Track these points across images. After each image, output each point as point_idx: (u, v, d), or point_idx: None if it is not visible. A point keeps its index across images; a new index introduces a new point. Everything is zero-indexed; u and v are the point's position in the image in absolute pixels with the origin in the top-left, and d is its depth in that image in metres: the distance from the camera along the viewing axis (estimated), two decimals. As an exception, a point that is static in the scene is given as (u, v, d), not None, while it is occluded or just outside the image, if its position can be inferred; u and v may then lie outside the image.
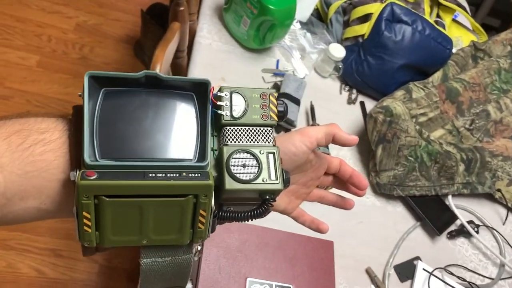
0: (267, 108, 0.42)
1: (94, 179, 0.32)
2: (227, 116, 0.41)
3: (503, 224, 1.08)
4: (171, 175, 0.35)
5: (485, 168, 1.06)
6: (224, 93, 0.41)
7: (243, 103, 0.42)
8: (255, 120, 0.42)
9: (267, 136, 0.42)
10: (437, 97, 1.09)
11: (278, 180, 0.40)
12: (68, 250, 1.47)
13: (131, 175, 0.34)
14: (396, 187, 0.98)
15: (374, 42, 1.09)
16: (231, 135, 0.41)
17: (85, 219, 0.33)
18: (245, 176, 0.39)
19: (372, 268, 0.89)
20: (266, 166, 0.40)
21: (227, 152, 0.39)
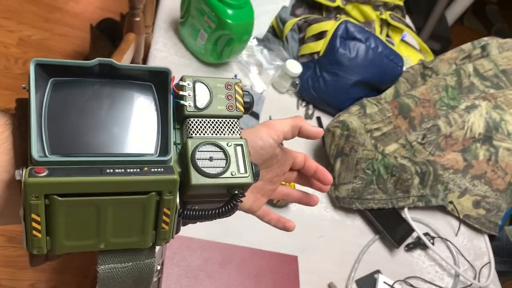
0: (233, 99, 0.40)
1: (44, 176, 0.29)
2: (191, 107, 0.38)
3: (456, 235, 1.12)
4: (131, 170, 0.32)
5: (438, 181, 1.09)
6: (187, 83, 0.38)
7: (207, 93, 0.39)
8: (220, 111, 0.39)
9: (234, 128, 0.40)
10: (390, 113, 1.12)
11: (247, 173, 0.38)
12: (8, 279, 1.35)
13: (87, 171, 0.30)
14: (355, 200, 0.99)
15: (329, 59, 1.11)
16: (195, 127, 0.38)
17: (34, 222, 0.29)
18: (213, 170, 0.36)
19: (334, 283, 0.88)
20: (235, 159, 0.37)
21: (192, 145, 0.36)
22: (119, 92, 0.35)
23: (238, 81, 0.41)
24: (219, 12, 0.98)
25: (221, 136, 0.39)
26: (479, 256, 1.10)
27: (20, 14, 1.96)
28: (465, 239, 1.12)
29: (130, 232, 0.34)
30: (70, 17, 2.07)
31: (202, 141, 0.37)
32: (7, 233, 1.43)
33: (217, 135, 0.39)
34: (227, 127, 0.39)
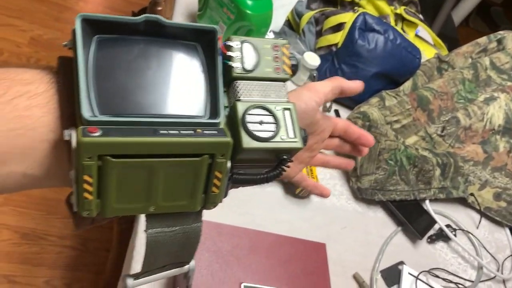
0: (280, 61, 0.38)
1: (98, 136, 0.27)
2: (238, 69, 0.36)
3: (477, 228, 1.11)
4: (185, 132, 0.31)
5: (458, 173, 1.08)
6: (235, 43, 0.36)
7: (254, 54, 0.37)
8: (268, 73, 0.38)
9: (280, 91, 0.38)
10: (409, 105, 1.11)
11: (297, 137, 0.36)
12: (23, 276, 1.35)
13: (140, 132, 0.29)
14: (378, 192, 0.98)
15: (348, 51, 1.11)
16: (243, 89, 0.36)
17: (85, 184, 0.28)
18: (263, 134, 0.35)
19: (359, 274, 0.87)
20: (284, 123, 0.36)
21: (241, 108, 0.35)
22: (166, 51, 0.34)
23: (285, 42, 0.39)
24: (239, 3, 0.98)
25: (269, 99, 0.37)
26: (501, 249, 1.09)
27: (32, 13, 1.96)
28: (486, 231, 1.11)
29: (180, 195, 0.33)
30: (80, 17, 2.07)
31: (252, 104, 0.36)
32: (21, 230, 1.43)
33: (264, 97, 0.37)
34: (274, 90, 0.38)
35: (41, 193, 1.52)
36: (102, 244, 1.49)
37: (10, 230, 1.41)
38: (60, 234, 1.47)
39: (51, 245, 1.43)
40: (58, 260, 1.41)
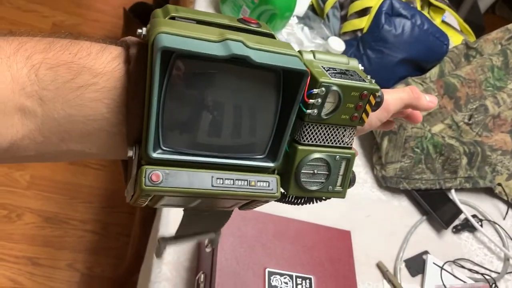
0: (361, 109, 0.35)
1: (158, 185, 0.29)
2: (313, 115, 0.34)
3: (504, 219, 1.08)
4: (239, 182, 0.32)
5: (486, 162, 1.06)
6: (320, 90, 0.33)
7: (337, 101, 0.34)
8: (342, 121, 0.35)
9: (348, 137, 0.36)
10: (435, 92, 1.08)
11: (342, 189, 0.37)
12: (46, 258, 1.37)
13: (198, 180, 0.31)
14: (403, 180, 0.96)
15: (373, 36, 1.08)
16: (309, 133, 0.35)
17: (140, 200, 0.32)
18: (312, 186, 0.36)
19: (383, 262, 0.86)
20: (336, 173, 0.36)
21: (300, 156, 0.35)
22: (245, 83, 0.31)
23: (376, 90, 0.35)
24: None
25: (332, 147, 0.36)
26: (528, 240, 1.06)
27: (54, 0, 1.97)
28: (513, 223, 1.08)
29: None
30: (101, 3, 2.08)
31: (312, 154, 0.35)
32: (45, 214, 1.45)
33: (328, 143, 0.36)
34: (341, 136, 0.36)
35: (64, 178, 1.54)
36: (123, 229, 1.50)
37: (34, 214, 1.44)
38: (82, 218, 1.49)
39: (73, 229, 1.46)
40: (80, 244, 1.43)
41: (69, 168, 1.57)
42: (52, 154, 0.30)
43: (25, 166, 1.52)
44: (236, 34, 0.30)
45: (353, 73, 0.35)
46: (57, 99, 0.28)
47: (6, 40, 0.28)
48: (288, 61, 0.30)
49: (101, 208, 1.53)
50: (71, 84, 0.28)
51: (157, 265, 0.71)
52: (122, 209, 1.54)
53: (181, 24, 0.30)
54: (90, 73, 0.28)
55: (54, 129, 0.28)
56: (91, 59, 0.29)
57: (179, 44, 0.27)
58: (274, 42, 0.32)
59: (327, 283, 0.66)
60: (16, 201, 1.44)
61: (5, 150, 0.28)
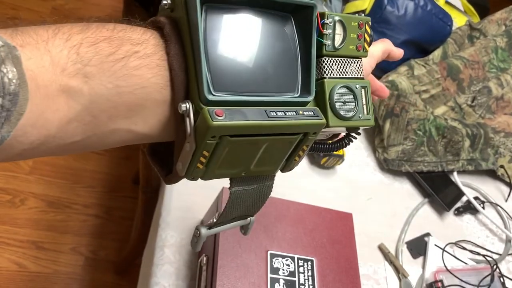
0: (362, 38, 0.41)
1: (224, 120, 0.30)
2: (329, 47, 0.39)
3: (506, 201, 1.08)
4: (290, 113, 0.34)
5: (488, 145, 1.05)
6: (329, 20, 0.38)
7: (343, 32, 0.39)
8: (351, 51, 0.40)
9: (359, 68, 0.41)
10: (438, 74, 1.07)
11: (370, 115, 0.41)
12: (50, 242, 1.38)
13: (255, 114, 0.32)
14: (405, 163, 0.96)
15: (376, 17, 1.07)
16: (328, 66, 0.39)
17: (202, 157, 0.32)
18: (346, 113, 0.39)
19: (385, 244, 0.86)
20: (361, 102, 0.40)
21: (328, 87, 0.38)
22: (266, 25, 0.35)
23: (368, 20, 0.41)
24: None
25: (350, 77, 0.40)
26: (530, 222, 1.07)
27: (52, -17, 1.95)
28: (515, 205, 1.08)
29: (270, 163, 0.37)
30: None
31: (337, 84, 0.39)
32: (47, 198, 1.46)
33: (346, 75, 0.40)
34: (355, 67, 0.41)
35: (67, 162, 1.55)
36: (126, 213, 1.51)
37: (37, 199, 1.45)
38: (84, 202, 1.49)
39: (76, 213, 1.46)
40: (83, 228, 1.45)
41: (72, 153, 1.57)
42: (99, 136, 0.30)
43: (28, 151, 1.51)
44: None
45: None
46: (102, 73, 0.28)
47: (42, 27, 0.28)
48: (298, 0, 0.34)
49: (104, 193, 1.53)
50: (115, 56, 0.28)
51: (160, 248, 0.72)
52: (125, 193, 1.54)
53: None
54: (130, 43, 0.29)
55: (102, 105, 0.28)
56: (127, 31, 0.30)
57: None
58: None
59: (329, 264, 0.67)
60: (19, 186, 1.45)
61: (53, 137, 0.28)
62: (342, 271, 0.67)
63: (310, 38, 0.36)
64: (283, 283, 0.63)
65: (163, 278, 0.69)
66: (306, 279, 0.64)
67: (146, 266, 0.77)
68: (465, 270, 0.85)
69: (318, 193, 0.88)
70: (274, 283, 0.62)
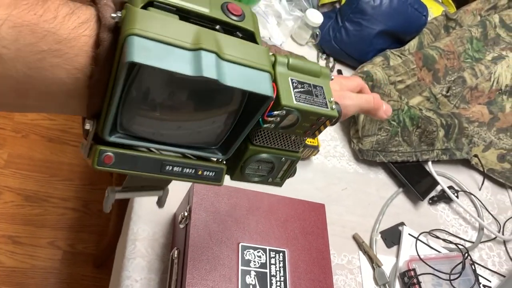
0: (315, 128, 0.37)
1: (108, 166, 0.31)
2: (270, 127, 0.36)
3: (479, 189, 1.10)
4: (187, 170, 0.34)
5: (463, 134, 1.07)
6: (281, 112, 0.34)
7: (294, 121, 0.36)
8: (296, 133, 0.37)
9: (298, 144, 0.39)
10: (414, 65, 1.08)
11: (281, 180, 0.41)
12: (27, 236, 1.37)
13: (149, 165, 0.32)
14: (379, 153, 0.97)
15: (352, 8, 1.07)
16: (262, 137, 0.37)
17: None
18: (254, 178, 0.39)
19: (359, 234, 0.87)
20: (278, 170, 0.40)
21: (249, 154, 0.37)
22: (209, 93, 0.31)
23: (333, 117, 0.37)
24: (238, -43, 0.94)
25: (280, 149, 0.38)
26: (503, 210, 1.09)
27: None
28: (488, 193, 1.10)
29: None
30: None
31: (259, 154, 0.37)
32: (24, 192, 1.44)
33: (277, 146, 0.38)
34: (291, 142, 0.38)
35: (43, 156, 1.52)
36: (105, 206, 1.49)
37: (13, 193, 1.42)
38: (62, 196, 1.47)
39: (54, 207, 1.45)
40: (61, 222, 1.43)
41: (48, 146, 1.54)
42: (10, 106, 0.30)
43: (2, 145, 1.49)
44: (213, 39, 0.29)
45: (319, 91, 0.37)
46: (17, 60, 0.27)
47: None
48: (258, 80, 0.30)
49: (82, 186, 1.51)
50: (33, 48, 0.27)
51: (132, 241, 0.71)
52: (103, 186, 1.53)
53: (157, 20, 0.28)
54: (53, 39, 0.28)
55: (12, 86, 0.28)
56: (56, 23, 0.28)
57: (148, 59, 0.26)
58: (250, 48, 0.31)
59: (301, 256, 0.67)
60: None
61: None
62: (314, 262, 0.67)
63: (254, 115, 0.32)
64: (254, 275, 0.63)
65: (134, 271, 0.68)
66: (278, 270, 0.64)
67: (119, 260, 0.76)
68: (438, 259, 0.86)
69: (293, 185, 0.88)
70: (245, 275, 0.62)
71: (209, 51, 0.28)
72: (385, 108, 0.52)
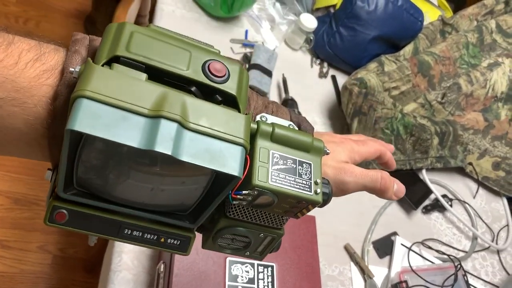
0: (297, 210, 0.32)
1: (63, 224, 0.28)
2: (242, 204, 0.31)
3: (474, 197, 1.08)
4: (148, 236, 0.30)
5: (457, 142, 1.05)
6: (252, 191, 0.30)
7: (269, 202, 0.31)
8: (275, 212, 0.32)
9: (279, 221, 0.34)
10: (409, 70, 1.06)
11: (261, 256, 0.37)
12: (16, 241, 1.34)
13: (105, 225, 0.29)
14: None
15: (346, 12, 1.05)
16: (236, 210, 0.32)
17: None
18: (226, 250, 0.35)
19: (350, 245, 0.85)
20: (257, 245, 0.35)
21: (221, 226, 0.32)
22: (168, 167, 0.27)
23: (317, 203, 0.31)
24: (230, -40, 0.92)
25: (260, 225, 0.34)
26: (497, 218, 1.08)
27: (19, -30, 1.88)
28: (483, 201, 1.09)
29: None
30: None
31: (234, 228, 0.33)
32: (13, 195, 1.42)
33: (255, 221, 0.33)
34: (271, 220, 0.33)
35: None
36: (96, 209, 1.48)
37: (2, 196, 1.40)
38: (53, 199, 1.45)
39: (44, 210, 1.42)
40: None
41: (39, 148, 1.52)
42: None
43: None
44: (179, 105, 0.26)
45: (306, 169, 0.32)
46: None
47: None
48: (225, 155, 0.26)
49: (73, 189, 1.49)
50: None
51: (118, 254, 0.69)
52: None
53: (117, 79, 0.25)
54: (12, 86, 0.26)
55: None
56: (17, 70, 0.26)
57: (92, 128, 0.23)
58: (226, 116, 0.28)
59: (290, 270, 0.65)
60: (-16, 183, 1.40)
61: None
62: (303, 276, 0.66)
63: (221, 191, 0.28)
64: (241, 291, 0.61)
65: (120, 285, 0.67)
66: (266, 285, 0.63)
67: (105, 272, 0.75)
68: (431, 270, 0.85)
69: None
70: (232, 290, 0.61)
71: (169, 120, 0.25)
72: (397, 188, 0.43)
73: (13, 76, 0.26)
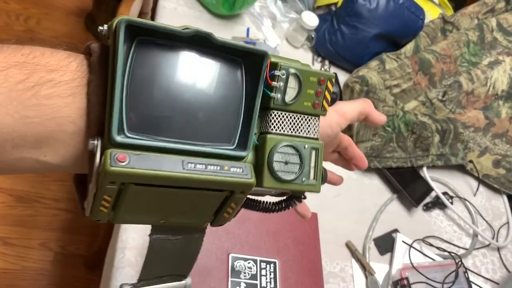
0: (321, 95, 0.36)
1: (125, 166, 0.26)
2: (278, 100, 0.34)
3: (474, 195, 1.09)
4: (212, 167, 0.30)
5: (458, 140, 1.06)
6: (281, 72, 0.34)
7: (297, 87, 0.35)
8: (306, 108, 0.36)
9: (314, 127, 0.36)
10: (410, 68, 1.07)
11: (316, 181, 0.36)
12: (18, 238, 1.35)
13: (168, 162, 0.28)
14: (374, 159, 0.96)
15: (348, 10, 1.05)
16: (276, 122, 0.35)
17: (104, 201, 0.28)
18: (286, 176, 0.34)
19: (352, 242, 0.86)
20: (308, 164, 0.36)
21: (270, 144, 0.34)
22: (208, 67, 0.31)
23: (332, 76, 0.36)
24: (232, -42, 0.92)
25: (299, 136, 0.36)
26: (497, 216, 1.08)
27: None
28: (483, 199, 1.10)
29: (192, 215, 0.33)
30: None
31: (281, 141, 0.34)
32: (15, 193, 1.42)
33: (296, 132, 0.36)
34: (307, 125, 0.36)
35: (35, 155, 1.50)
36: (98, 207, 1.48)
37: (4, 193, 1.41)
38: (54, 197, 1.46)
39: (46, 208, 1.43)
40: (53, 223, 1.41)
41: (41, 146, 1.52)
42: (4, 163, 0.28)
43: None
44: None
45: (307, 67, 0.36)
46: (10, 102, 0.25)
47: None
48: (250, 48, 0.31)
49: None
50: (25, 84, 0.26)
51: (121, 250, 0.70)
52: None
53: None
54: (45, 70, 0.27)
55: (7, 135, 0.26)
56: (45, 57, 0.27)
57: (143, 22, 0.27)
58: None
59: (292, 266, 0.66)
60: (-15, 181, 1.41)
61: None
62: (306, 272, 0.66)
63: (257, 88, 0.32)
64: (244, 286, 0.62)
65: (123, 281, 0.67)
66: (268, 281, 0.63)
67: (108, 268, 0.75)
68: (432, 267, 0.86)
69: (286, 191, 0.87)
70: (235, 286, 0.61)
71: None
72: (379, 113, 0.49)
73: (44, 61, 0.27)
